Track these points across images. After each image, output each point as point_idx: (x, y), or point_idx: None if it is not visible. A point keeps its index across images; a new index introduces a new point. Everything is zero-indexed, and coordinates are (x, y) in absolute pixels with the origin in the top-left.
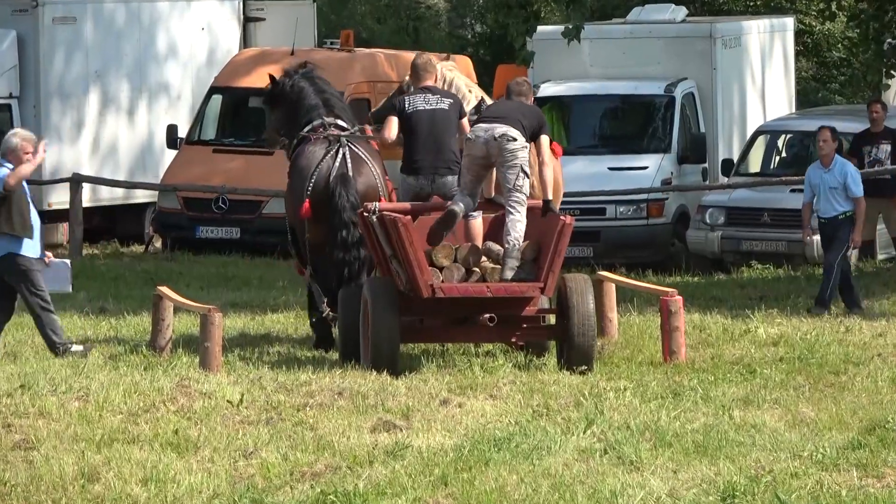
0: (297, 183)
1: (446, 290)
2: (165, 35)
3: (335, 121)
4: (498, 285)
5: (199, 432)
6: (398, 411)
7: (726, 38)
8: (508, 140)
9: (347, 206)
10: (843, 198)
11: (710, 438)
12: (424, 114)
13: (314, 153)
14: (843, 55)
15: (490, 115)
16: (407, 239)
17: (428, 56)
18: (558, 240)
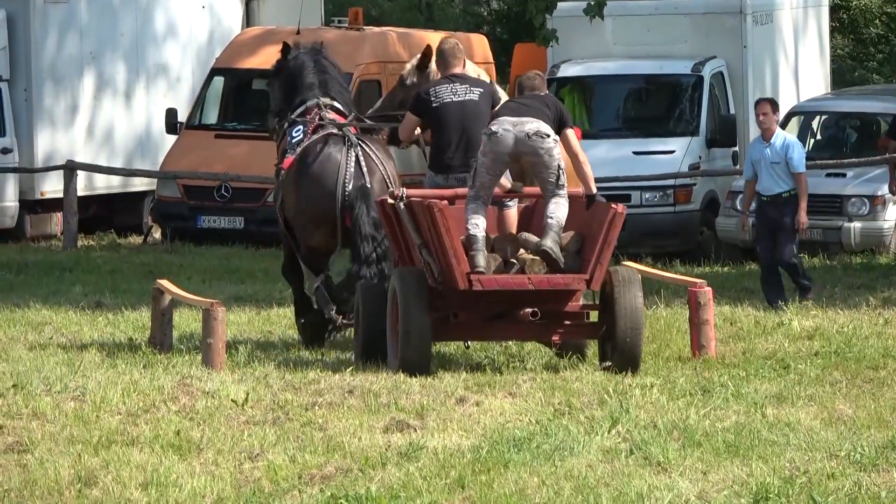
0: (318, 187)
1: (485, 283)
2: (164, 14)
3: (331, 102)
4: (540, 277)
5: (202, 433)
6: (412, 410)
7: (757, 13)
8: (542, 137)
9: (368, 221)
10: (786, 174)
11: (741, 438)
12: (453, 106)
13: (331, 155)
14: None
15: (510, 111)
16: (443, 225)
17: (455, 40)
18: (609, 230)
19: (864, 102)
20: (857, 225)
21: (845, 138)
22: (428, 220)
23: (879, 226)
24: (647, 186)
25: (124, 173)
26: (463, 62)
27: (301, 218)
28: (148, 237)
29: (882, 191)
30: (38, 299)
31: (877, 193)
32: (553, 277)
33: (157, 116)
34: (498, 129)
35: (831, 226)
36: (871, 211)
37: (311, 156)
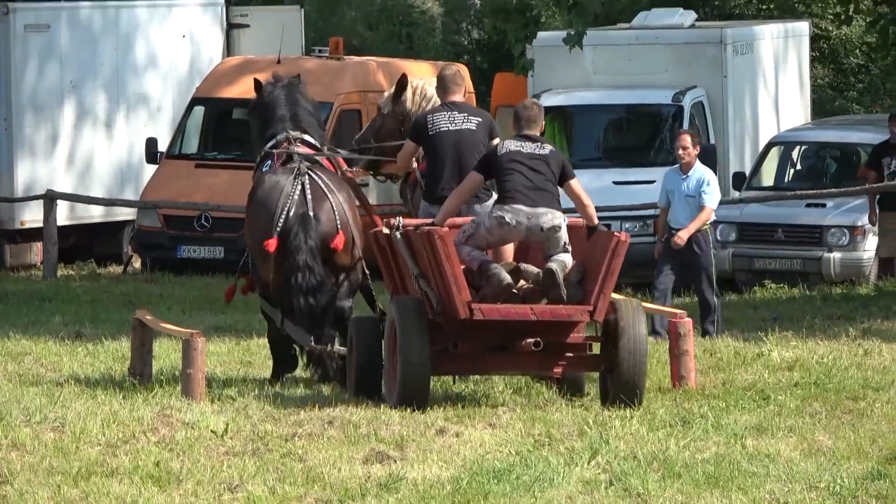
0: (261, 217)
1: (486, 312)
2: (144, 43)
3: (301, 135)
4: (543, 308)
5: (182, 464)
6: (392, 441)
7: (738, 43)
8: (556, 230)
9: (304, 248)
10: (698, 209)
11: (721, 469)
12: (448, 135)
13: (277, 184)
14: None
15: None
16: (443, 252)
17: (457, 67)
18: (612, 258)
19: (844, 133)
20: (836, 255)
21: (825, 168)
22: (427, 248)
23: (859, 256)
24: (628, 216)
25: (104, 203)
26: (464, 90)
27: (252, 250)
28: (128, 267)
29: (862, 221)
30: (18, 329)
31: (857, 224)
32: (556, 308)
33: (137, 146)
34: (512, 219)
35: (811, 256)
36: (850, 241)
37: (258, 187)
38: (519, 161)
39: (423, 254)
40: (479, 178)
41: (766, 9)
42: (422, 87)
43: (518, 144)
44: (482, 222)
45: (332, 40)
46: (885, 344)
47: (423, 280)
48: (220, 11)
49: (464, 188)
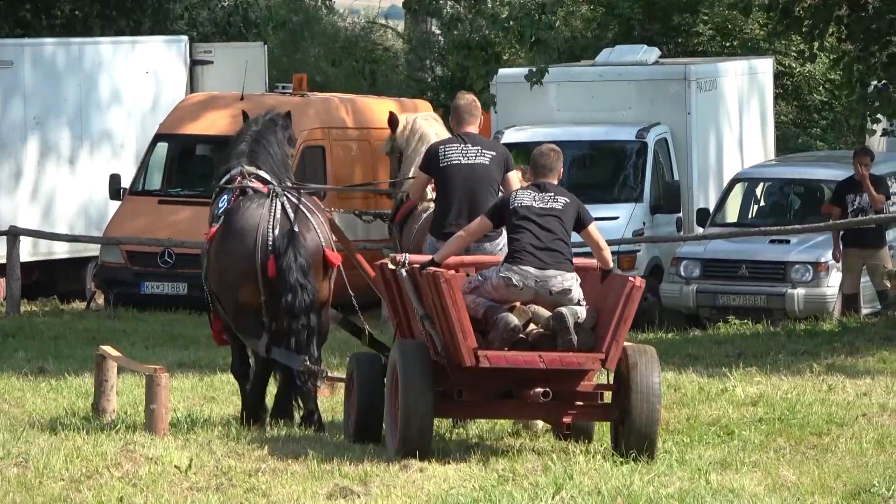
0: (241, 241)
1: (492, 359)
2: (108, 79)
3: (256, 171)
4: (552, 356)
5: (146, 499)
6: (356, 477)
7: (701, 80)
8: (567, 293)
9: (294, 266)
10: None
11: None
12: (460, 169)
13: (252, 209)
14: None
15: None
16: (449, 296)
17: (472, 96)
18: (625, 304)
19: (808, 169)
20: (800, 291)
21: (789, 205)
22: (433, 291)
23: (823, 292)
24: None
25: (67, 239)
26: (480, 121)
27: (225, 277)
28: (91, 303)
29: (825, 257)
30: None
31: (820, 260)
32: (566, 356)
33: (100, 182)
34: (519, 282)
35: (775, 292)
36: (814, 277)
37: (234, 213)
38: (529, 218)
39: (428, 295)
40: (487, 225)
41: (729, 46)
42: (412, 123)
43: (530, 197)
44: (490, 278)
45: (296, 77)
46: (848, 380)
47: (427, 321)
48: (184, 48)
49: (471, 231)
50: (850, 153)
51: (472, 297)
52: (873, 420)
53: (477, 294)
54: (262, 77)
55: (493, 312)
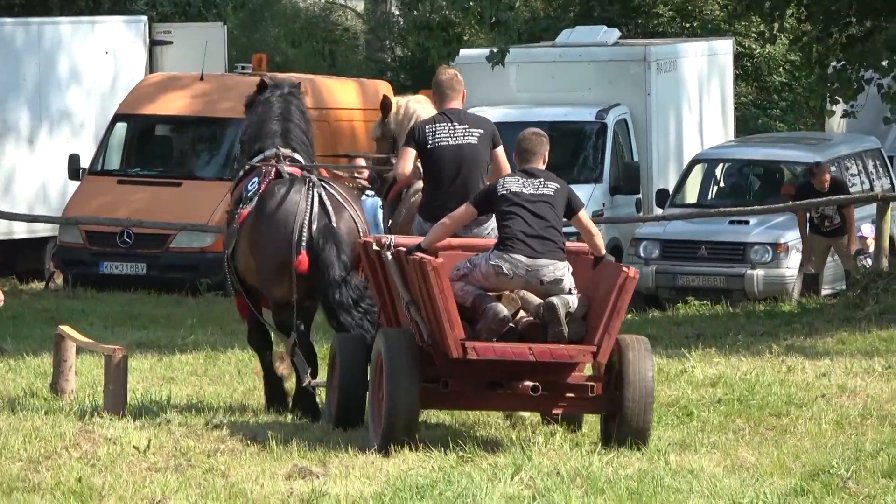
0: (276, 231)
1: (480, 351)
2: (67, 59)
3: (291, 154)
4: (542, 348)
5: (104, 480)
6: (314, 457)
7: (661, 61)
8: (559, 283)
9: (339, 265)
10: None
11: (644, 485)
12: (449, 150)
13: (291, 198)
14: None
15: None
16: (437, 285)
17: (454, 70)
18: (618, 295)
19: (768, 150)
20: (760, 272)
21: (748, 186)
22: (419, 278)
23: (782, 273)
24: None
25: (26, 219)
26: (462, 95)
27: (263, 269)
28: (50, 283)
29: (785, 238)
30: None
31: (779, 241)
32: (557, 348)
33: (60, 162)
34: (510, 270)
35: (734, 273)
36: (773, 258)
37: (269, 198)
38: (520, 204)
39: (414, 281)
40: (472, 212)
41: (689, 27)
42: (405, 105)
43: (520, 183)
44: (479, 266)
45: (255, 57)
46: (808, 360)
47: (413, 307)
48: (143, 28)
49: (455, 218)
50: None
51: (460, 285)
52: (832, 401)
53: (465, 282)
54: (221, 57)
55: (481, 301)
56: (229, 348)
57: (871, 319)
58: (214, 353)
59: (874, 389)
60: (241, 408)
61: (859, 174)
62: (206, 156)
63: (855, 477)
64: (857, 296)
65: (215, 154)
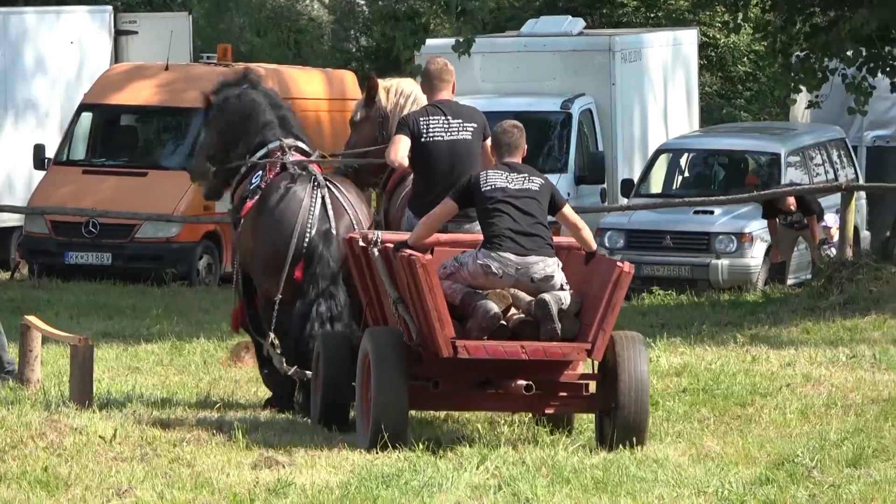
0: (277, 230)
1: (471, 350)
2: (33, 49)
3: (295, 143)
4: (535, 346)
5: (70, 469)
6: (280, 447)
7: (626, 51)
8: (549, 280)
9: (328, 274)
10: None
11: (609, 474)
12: (444, 145)
13: (296, 195)
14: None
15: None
16: (426, 283)
17: (444, 60)
18: (613, 291)
19: (732, 140)
20: (724, 262)
21: (713, 176)
22: (408, 275)
23: (747, 263)
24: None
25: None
26: (453, 86)
27: (257, 263)
28: (15, 273)
29: (749, 228)
30: None
31: (744, 231)
32: (550, 347)
33: (25, 152)
34: (499, 269)
35: (699, 263)
36: (738, 248)
37: (273, 193)
38: (506, 201)
39: (403, 278)
40: (454, 207)
41: (654, 17)
42: (397, 84)
43: (504, 178)
44: (466, 264)
45: (221, 47)
46: (772, 350)
47: (401, 305)
48: (109, 18)
49: (436, 215)
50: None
51: (448, 283)
52: (797, 390)
53: (453, 280)
54: (187, 47)
55: (471, 299)
56: (195, 338)
57: (836, 309)
58: (180, 343)
59: (838, 379)
60: (207, 397)
61: (823, 164)
62: (171, 146)
63: (819, 466)
64: (822, 285)
65: (181, 144)
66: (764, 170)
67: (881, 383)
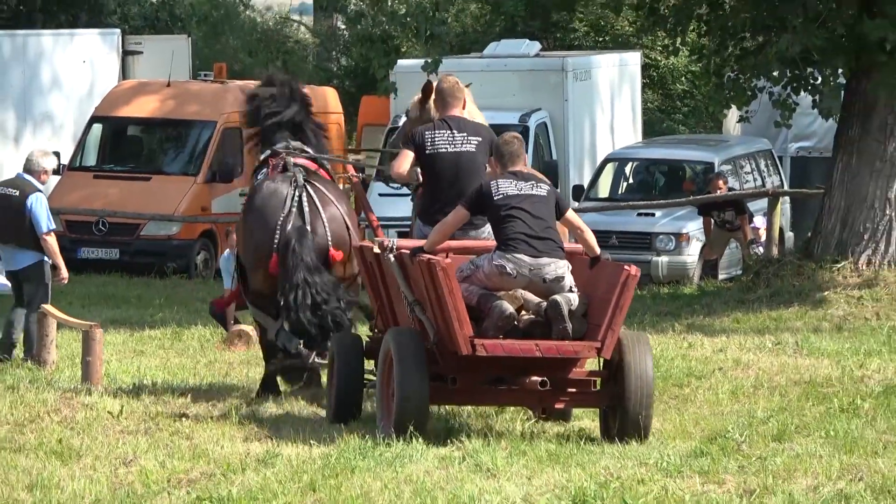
0: (258, 227)
1: (489, 348)
2: (49, 68)
3: (301, 146)
4: (549, 344)
5: (82, 441)
6: (269, 423)
7: (577, 71)
8: (560, 280)
9: (301, 265)
10: None
11: (562, 447)
12: (448, 157)
13: (276, 193)
14: (686, 88)
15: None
16: (446, 285)
17: (455, 78)
18: (621, 293)
19: (672, 150)
20: (664, 259)
21: (654, 182)
22: (427, 279)
23: (684, 260)
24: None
25: None
26: (463, 103)
27: (245, 258)
28: None
29: (686, 228)
30: None
31: (682, 231)
32: (562, 345)
33: None
34: (513, 270)
35: (641, 259)
36: (676, 247)
37: (257, 193)
38: (519, 206)
39: (419, 281)
40: (465, 215)
41: (602, 40)
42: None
43: (515, 185)
44: (482, 266)
45: (216, 65)
46: (706, 337)
47: (418, 307)
48: (117, 39)
49: (449, 223)
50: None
51: (464, 286)
52: (728, 373)
53: (469, 282)
54: (186, 66)
55: (487, 300)
56: (193, 325)
57: (763, 301)
58: (180, 330)
59: (765, 363)
60: (204, 378)
61: (752, 172)
62: (172, 153)
63: (748, 441)
64: (750, 280)
65: (181, 152)
66: (700, 177)
67: (803, 367)
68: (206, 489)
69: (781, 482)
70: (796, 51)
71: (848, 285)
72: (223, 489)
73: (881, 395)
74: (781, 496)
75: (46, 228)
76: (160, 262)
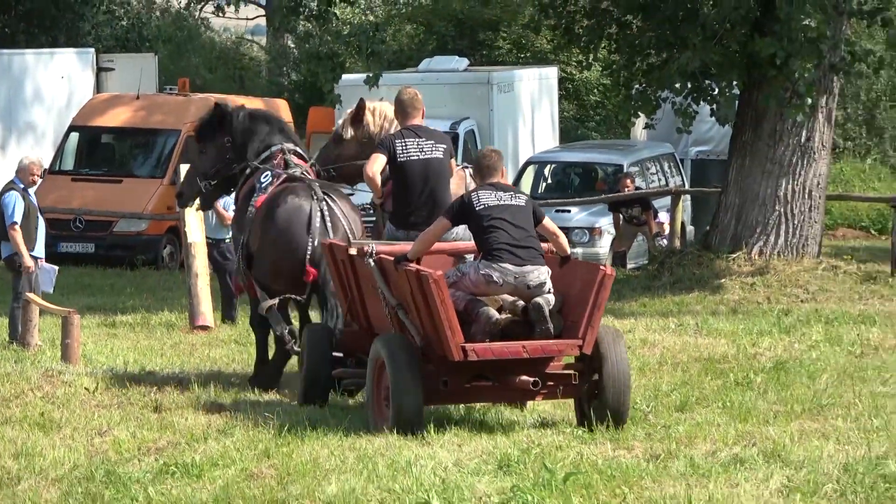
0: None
1: (480, 353)
2: (32, 82)
3: (294, 148)
4: (535, 345)
5: (61, 414)
6: (229, 396)
7: (501, 84)
8: (543, 286)
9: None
10: None
11: (489, 418)
12: (418, 164)
13: (301, 208)
14: (598, 98)
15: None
16: (438, 296)
17: (414, 90)
18: (598, 292)
19: (586, 154)
20: (579, 251)
21: (570, 182)
22: (415, 288)
23: (597, 252)
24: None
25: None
26: (422, 112)
27: (264, 263)
28: None
29: (599, 223)
30: None
31: (595, 226)
32: (548, 345)
33: None
34: (499, 279)
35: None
36: (590, 240)
37: (279, 204)
38: (500, 217)
39: (403, 286)
40: (447, 225)
41: (523, 57)
42: (380, 108)
43: (495, 196)
44: (468, 274)
45: (180, 80)
46: (616, 320)
47: (401, 311)
48: (92, 58)
49: (433, 232)
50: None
51: (451, 291)
52: (636, 352)
53: (455, 288)
54: (153, 81)
55: (473, 306)
56: (160, 311)
57: (667, 288)
58: (148, 315)
59: (669, 343)
60: (170, 358)
61: (657, 173)
62: (141, 159)
63: (654, 411)
64: (656, 269)
65: (149, 157)
66: (610, 177)
67: (702, 346)
68: (172, 456)
69: (684, 448)
70: (696, 66)
71: (742, 273)
72: (188, 456)
73: (772, 370)
74: (683, 460)
75: (9, 222)
76: (131, 255)
